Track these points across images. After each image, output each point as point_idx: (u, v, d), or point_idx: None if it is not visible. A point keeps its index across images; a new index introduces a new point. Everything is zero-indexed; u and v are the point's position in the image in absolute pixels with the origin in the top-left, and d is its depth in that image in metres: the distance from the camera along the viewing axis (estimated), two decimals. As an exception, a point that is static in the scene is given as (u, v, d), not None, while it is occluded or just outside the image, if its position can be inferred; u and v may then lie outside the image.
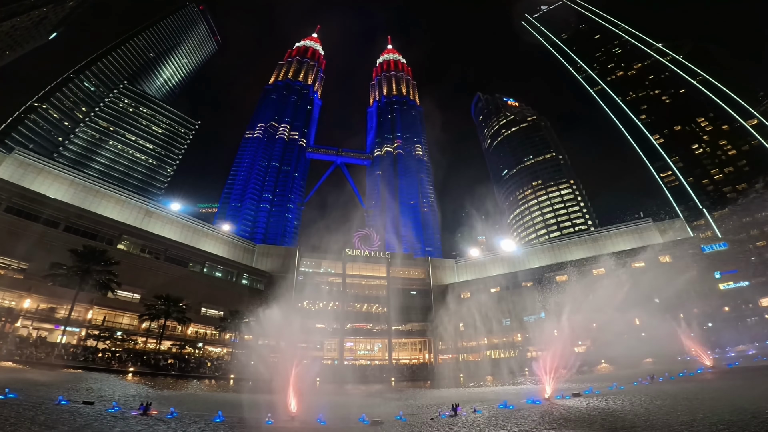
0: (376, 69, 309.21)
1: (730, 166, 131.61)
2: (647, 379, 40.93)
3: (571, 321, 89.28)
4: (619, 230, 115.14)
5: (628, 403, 27.28)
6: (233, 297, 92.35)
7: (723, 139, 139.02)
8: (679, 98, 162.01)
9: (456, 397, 44.40)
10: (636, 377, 43.45)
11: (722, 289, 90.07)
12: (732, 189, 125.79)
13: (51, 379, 37.20)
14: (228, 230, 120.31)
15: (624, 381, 41.37)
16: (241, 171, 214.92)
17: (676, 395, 28.95)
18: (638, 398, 28.88)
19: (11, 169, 77.79)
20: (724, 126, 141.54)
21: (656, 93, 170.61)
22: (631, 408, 25.17)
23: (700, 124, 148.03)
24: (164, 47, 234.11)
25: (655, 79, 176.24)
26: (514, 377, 73.30)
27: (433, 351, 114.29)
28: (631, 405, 26.24)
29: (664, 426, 19.27)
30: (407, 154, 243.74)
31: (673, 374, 43.63)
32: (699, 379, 39.92)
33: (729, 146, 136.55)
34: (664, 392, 30.95)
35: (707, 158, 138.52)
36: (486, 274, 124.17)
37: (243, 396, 44.27)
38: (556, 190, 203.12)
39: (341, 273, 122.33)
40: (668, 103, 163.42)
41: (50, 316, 65.30)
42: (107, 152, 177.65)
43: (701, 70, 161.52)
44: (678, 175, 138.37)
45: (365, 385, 72.99)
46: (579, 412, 25.42)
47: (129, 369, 57.25)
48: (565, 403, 30.53)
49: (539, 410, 27.63)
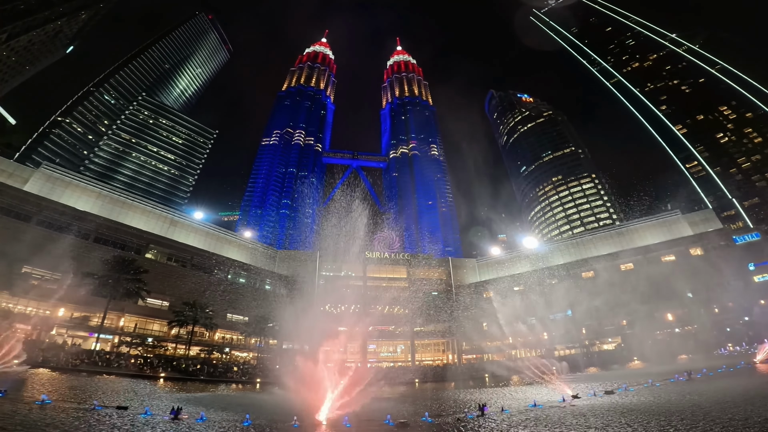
0: (387, 71, 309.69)
1: (757, 154, 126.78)
2: (684, 376, 39.32)
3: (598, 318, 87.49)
4: (646, 223, 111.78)
5: (664, 400, 26.26)
6: (257, 302, 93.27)
7: (748, 127, 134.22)
8: (699, 87, 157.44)
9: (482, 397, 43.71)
10: (672, 374, 41.85)
11: (757, 282, 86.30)
12: (761, 177, 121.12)
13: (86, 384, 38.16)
14: (249, 237, 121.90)
15: (659, 378, 39.98)
16: (259, 178, 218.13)
17: (717, 392, 27.68)
18: (674, 395, 27.80)
19: (40, 184, 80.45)
20: (748, 114, 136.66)
21: (675, 83, 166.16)
22: (667, 405, 24.20)
23: (723, 113, 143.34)
24: (178, 58, 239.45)
25: (672, 69, 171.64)
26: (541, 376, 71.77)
27: (457, 351, 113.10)
28: (668, 402, 25.27)
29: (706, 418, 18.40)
30: (422, 154, 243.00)
31: (711, 370, 41.88)
32: (739, 375, 38.16)
33: (755, 134, 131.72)
34: (703, 389, 29.65)
35: (733, 147, 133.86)
36: (508, 272, 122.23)
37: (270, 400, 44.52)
38: (577, 185, 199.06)
39: (362, 276, 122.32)
40: (688, 93, 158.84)
41: (84, 323, 67.91)
42: (131, 164, 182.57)
43: (718, 58, 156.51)
44: (704, 164, 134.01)
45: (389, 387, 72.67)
46: (611, 410, 24.59)
47: (160, 374, 58.46)
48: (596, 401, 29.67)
49: (568, 409, 26.90)
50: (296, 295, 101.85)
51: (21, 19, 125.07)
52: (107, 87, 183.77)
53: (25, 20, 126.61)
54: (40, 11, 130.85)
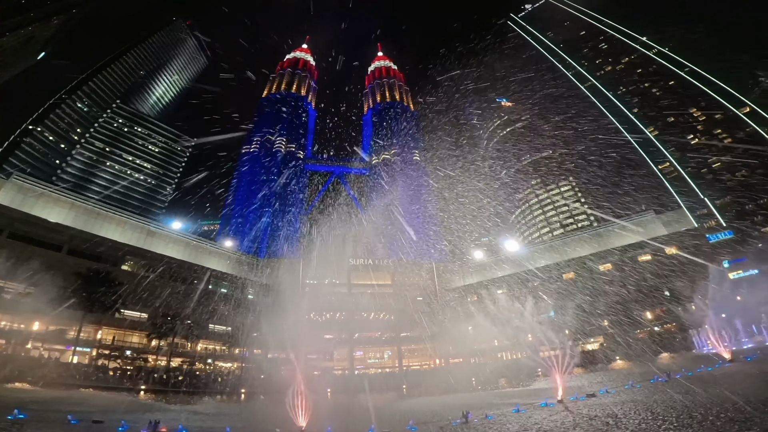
0: (368, 77, 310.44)
1: (727, 154, 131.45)
2: (664, 376, 39.98)
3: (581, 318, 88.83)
4: (622, 224, 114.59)
5: (644, 403, 26.52)
6: (240, 312, 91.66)
7: (717, 128, 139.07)
8: (669, 90, 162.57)
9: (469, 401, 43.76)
10: (652, 374, 42.52)
11: (732, 278, 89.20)
12: (731, 177, 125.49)
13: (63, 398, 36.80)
14: (231, 246, 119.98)
15: (640, 378, 40.59)
16: (240, 186, 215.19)
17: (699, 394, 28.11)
18: (656, 397, 28.14)
19: (11, 195, 77.57)
20: (717, 115, 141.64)
21: (646, 86, 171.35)
22: (647, 407, 24.44)
23: (693, 115, 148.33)
24: (154, 64, 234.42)
25: (643, 72, 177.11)
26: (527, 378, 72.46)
27: (443, 355, 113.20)
28: (648, 404, 25.54)
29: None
30: (405, 159, 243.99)
31: (691, 370, 42.66)
32: (716, 375, 38.92)
33: (724, 134, 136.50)
34: (686, 391, 30.05)
35: (704, 148, 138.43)
36: (492, 275, 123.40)
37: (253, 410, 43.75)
38: (555, 187, 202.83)
39: (346, 283, 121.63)
40: (659, 96, 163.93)
41: (60, 336, 65.83)
42: (105, 173, 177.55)
43: (688, 61, 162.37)
44: (676, 165, 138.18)
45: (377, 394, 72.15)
46: (592, 414, 24.77)
47: (140, 387, 57.13)
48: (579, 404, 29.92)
49: (551, 414, 27.02)
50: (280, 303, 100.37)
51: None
52: (80, 94, 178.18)
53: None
54: (12, 16, 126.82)
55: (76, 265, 70.19)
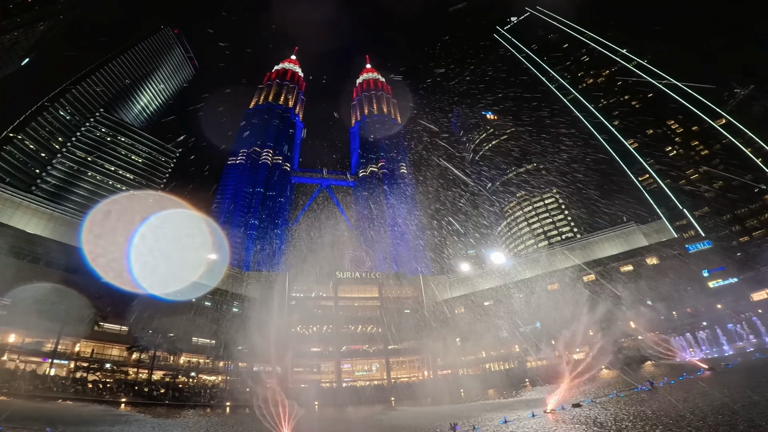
0: (356, 89, 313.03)
1: (705, 165, 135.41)
2: (647, 385, 40.48)
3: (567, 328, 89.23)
4: (604, 236, 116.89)
5: (628, 412, 26.73)
6: (225, 325, 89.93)
7: (695, 140, 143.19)
8: (648, 102, 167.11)
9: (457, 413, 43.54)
10: (636, 383, 42.97)
11: (712, 287, 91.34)
12: (709, 188, 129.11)
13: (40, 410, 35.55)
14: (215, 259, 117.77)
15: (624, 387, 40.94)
16: (225, 198, 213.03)
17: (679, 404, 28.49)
18: (638, 408, 28.37)
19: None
20: (694, 127, 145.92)
21: (626, 98, 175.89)
22: (629, 419, 24.60)
23: (671, 127, 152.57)
24: (140, 73, 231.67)
25: (623, 84, 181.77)
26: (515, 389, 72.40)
27: (432, 367, 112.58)
28: (631, 414, 25.70)
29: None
30: (392, 172, 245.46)
31: (673, 378, 43.24)
32: (697, 383, 39.52)
33: (701, 146, 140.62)
34: (666, 400, 30.41)
35: (682, 159, 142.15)
36: (478, 288, 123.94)
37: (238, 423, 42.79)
38: (540, 200, 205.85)
39: (333, 296, 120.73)
40: (638, 108, 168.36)
41: (37, 349, 63.91)
42: (86, 183, 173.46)
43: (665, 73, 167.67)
44: (655, 177, 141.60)
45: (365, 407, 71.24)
46: (579, 425, 24.85)
47: (121, 399, 55.48)
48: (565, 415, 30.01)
49: (538, 425, 27.03)
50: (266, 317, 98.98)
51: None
52: (63, 102, 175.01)
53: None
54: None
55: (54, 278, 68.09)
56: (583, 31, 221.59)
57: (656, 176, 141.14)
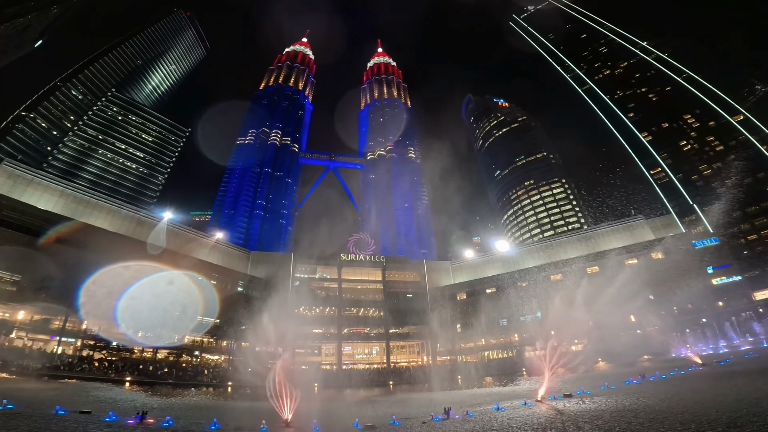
0: (367, 72, 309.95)
1: (719, 161, 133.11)
2: (638, 379, 41.14)
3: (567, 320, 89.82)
4: (611, 228, 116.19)
5: (615, 404, 27.42)
6: (229, 304, 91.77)
7: (710, 135, 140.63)
8: (665, 96, 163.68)
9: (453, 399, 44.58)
10: (628, 376, 43.63)
11: (715, 284, 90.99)
12: (721, 184, 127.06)
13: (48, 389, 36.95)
14: (221, 238, 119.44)
15: (615, 380, 41.54)
16: (233, 178, 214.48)
17: (664, 396, 29.10)
18: (626, 399, 29.04)
19: (1, 181, 76.95)
20: (711, 122, 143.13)
21: (643, 91, 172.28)
22: (616, 409, 25.27)
23: (687, 121, 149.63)
24: (152, 54, 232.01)
25: (641, 77, 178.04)
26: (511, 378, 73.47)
27: (431, 353, 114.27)
28: (618, 406, 26.36)
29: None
30: (400, 156, 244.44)
31: (664, 373, 43.79)
32: (688, 378, 40.03)
33: (716, 142, 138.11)
34: (652, 392, 31.10)
35: (695, 154, 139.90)
36: (481, 275, 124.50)
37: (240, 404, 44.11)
38: (548, 189, 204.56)
39: (337, 278, 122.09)
40: (655, 101, 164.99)
41: (45, 327, 65.43)
42: (97, 161, 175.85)
43: (685, 67, 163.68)
44: (667, 171, 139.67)
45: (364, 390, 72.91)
46: (566, 414, 25.52)
47: (126, 378, 57.30)
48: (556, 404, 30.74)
49: (529, 413, 27.78)
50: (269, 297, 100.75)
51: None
52: (75, 82, 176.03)
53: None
54: (9, 5, 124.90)
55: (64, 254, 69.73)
56: (602, 22, 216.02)
57: (668, 170, 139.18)
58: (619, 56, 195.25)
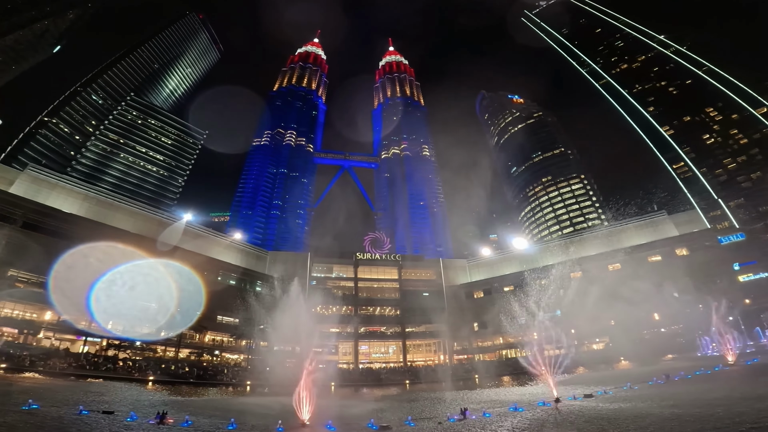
0: (379, 71, 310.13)
1: (743, 155, 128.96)
2: (662, 378, 39.81)
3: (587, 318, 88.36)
4: (633, 224, 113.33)
5: (636, 404, 26.64)
6: (248, 304, 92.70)
7: (733, 129, 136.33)
8: (686, 89, 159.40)
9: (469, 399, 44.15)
10: (651, 376, 42.33)
11: (742, 281, 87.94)
12: (746, 178, 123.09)
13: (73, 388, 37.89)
14: (240, 238, 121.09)
15: (638, 380, 40.40)
16: (250, 178, 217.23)
17: (687, 398, 28.10)
18: (649, 399, 28.20)
19: (25, 186, 79.46)
20: (734, 115, 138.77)
21: (662, 84, 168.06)
22: (637, 411, 24.51)
23: (709, 114, 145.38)
24: (167, 58, 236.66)
25: (660, 70, 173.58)
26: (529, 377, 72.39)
27: (448, 352, 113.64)
28: (639, 407, 25.60)
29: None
30: (414, 155, 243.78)
31: (689, 372, 42.34)
32: (714, 377, 38.68)
33: (740, 135, 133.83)
34: (676, 394, 30.09)
35: (719, 148, 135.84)
36: (498, 272, 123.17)
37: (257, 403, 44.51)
38: (566, 185, 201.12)
39: (353, 277, 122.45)
40: (675, 95, 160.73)
41: (71, 327, 67.02)
42: (118, 165, 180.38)
43: (705, 60, 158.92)
44: (690, 165, 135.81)
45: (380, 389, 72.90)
46: (587, 415, 24.91)
47: (149, 378, 58.33)
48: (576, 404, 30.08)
49: (547, 413, 27.24)
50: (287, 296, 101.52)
51: (7, 18, 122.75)
52: (95, 87, 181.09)
53: (11, 20, 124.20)
54: (27, 10, 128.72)
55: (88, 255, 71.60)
56: (617, 16, 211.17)
57: (691, 164, 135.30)
58: (636, 50, 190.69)
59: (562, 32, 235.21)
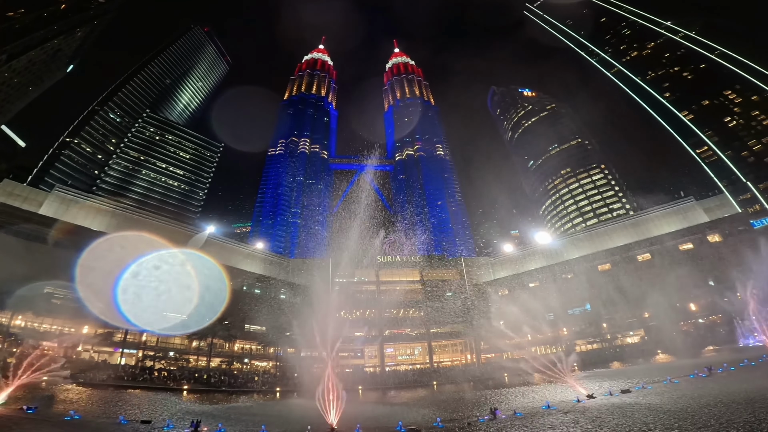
0: (387, 73, 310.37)
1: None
2: (705, 371, 37.97)
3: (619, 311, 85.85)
4: (660, 212, 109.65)
5: (679, 400, 25.37)
6: (274, 312, 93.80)
7: (755, 110, 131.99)
8: (701, 73, 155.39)
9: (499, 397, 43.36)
10: (693, 369, 40.51)
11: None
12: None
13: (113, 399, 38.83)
14: (262, 248, 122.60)
15: (679, 373, 38.81)
16: (268, 188, 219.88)
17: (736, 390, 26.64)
18: (694, 394, 26.85)
19: (55, 206, 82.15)
20: (754, 96, 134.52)
21: (676, 70, 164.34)
22: (680, 406, 23.31)
23: (728, 97, 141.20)
24: (178, 72, 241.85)
25: (672, 56, 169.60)
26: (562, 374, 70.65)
27: (475, 351, 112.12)
28: (683, 403, 24.36)
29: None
30: (429, 155, 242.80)
31: (733, 364, 40.33)
32: (762, 369, 36.78)
33: (763, 116, 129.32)
34: (723, 388, 28.56)
35: (742, 130, 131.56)
36: (523, 269, 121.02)
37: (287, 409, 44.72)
38: (587, 176, 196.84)
39: (375, 280, 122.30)
40: (691, 79, 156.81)
41: (108, 339, 70.08)
42: (142, 181, 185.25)
43: (716, 43, 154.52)
44: (715, 149, 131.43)
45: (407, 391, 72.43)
46: (623, 413, 23.86)
47: (183, 387, 59.59)
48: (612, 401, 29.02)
49: (581, 411, 26.34)
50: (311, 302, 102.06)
51: (19, 38, 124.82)
52: (111, 105, 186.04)
53: (21, 40, 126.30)
54: (36, 30, 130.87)
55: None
56: (620, 5, 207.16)
57: (715, 148, 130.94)
58: (644, 37, 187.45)
59: (567, 23, 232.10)
